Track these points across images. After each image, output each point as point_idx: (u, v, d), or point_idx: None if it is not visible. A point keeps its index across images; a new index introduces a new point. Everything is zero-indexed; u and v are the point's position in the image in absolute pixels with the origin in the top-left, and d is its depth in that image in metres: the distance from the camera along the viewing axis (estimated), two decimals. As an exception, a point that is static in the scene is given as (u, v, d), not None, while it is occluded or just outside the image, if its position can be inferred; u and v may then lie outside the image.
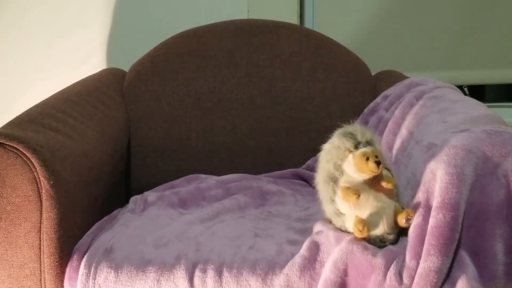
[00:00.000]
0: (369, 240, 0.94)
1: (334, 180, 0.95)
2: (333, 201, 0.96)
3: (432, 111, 1.17)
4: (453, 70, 1.95)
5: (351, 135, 0.94)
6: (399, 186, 0.98)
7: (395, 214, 0.94)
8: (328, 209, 0.98)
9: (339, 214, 0.96)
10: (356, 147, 0.93)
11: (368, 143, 0.93)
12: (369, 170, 0.90)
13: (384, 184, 0.92)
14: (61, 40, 1.86)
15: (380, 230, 0.93)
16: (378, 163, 0.90)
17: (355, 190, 0.91)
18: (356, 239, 0.94)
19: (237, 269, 0.96)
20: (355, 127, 0.96)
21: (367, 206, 0.93)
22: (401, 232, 0.97)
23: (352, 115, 1.48)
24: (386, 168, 0.96)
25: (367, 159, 0.90)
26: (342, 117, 1.49)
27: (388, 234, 0.94)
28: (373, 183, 0.93)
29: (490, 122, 1.00)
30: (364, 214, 0.93)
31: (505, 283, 0.88)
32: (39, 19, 1.85)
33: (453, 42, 1.93)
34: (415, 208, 0.94)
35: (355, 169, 0.92)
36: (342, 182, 0.94)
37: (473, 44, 1.93)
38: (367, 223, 0.93)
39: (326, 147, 0.98)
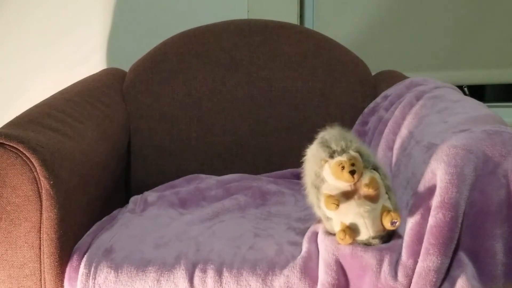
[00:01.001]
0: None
1: (317, 187, 0.96)
2: (319, 207, 0.96)
3: (432, 111, 1.17)
4: (453, 70, 1.95)
5: (326, 144, 0.94)
6: (391, 186, 0.97)
7: (382, 217, 0.93)
8: (317, 213, 0.99)
9: (327, 219, 0.96)
10: (332, 156, 0.93)
11: (343, 150, 0.93)
12: (345, 179, 0.91)
13: (365, 189, 0.91)
14: (61, 40, 1.86)
15: (364, 235, 0.93)
16: (353, 172, 0.90)
17: (335, 199, 0.91)
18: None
19: (237, 269, 0.96)
20: (331, 134, 0.96)
21: (349, 212, 0.92)
22: (393, 233, 0.96)
23: (352, 115, 1.48)
24: (375, 168, 0.95)
25: (343, 168, 0.90)
26: (342, 117, 1.49)
27: (373, 238, 0.93)
28: (356, 188, 0.93)
29: (490, 122, 1.00)
30: (348, 220, 0.93)
31: (504, 283, 0.88)
32: (39, 19, 1.85)
33: (453, 42, 1.93)
34: (415, 207, 0.94)
35: (333, 177, 0.92)
36: (324, 189, 0.94)
37: (473, 44, 1.93)
38: (351, 230, 0.92)
39: (308, 153, 0.99)
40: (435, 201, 0.89)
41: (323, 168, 0.94)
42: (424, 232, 0.89)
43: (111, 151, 1.30)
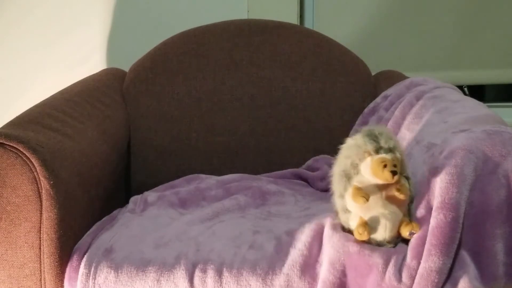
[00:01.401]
0: (368, 243, 0.94)
1: (348, 177, 0.95)
2: (342, 196, 0.96)
3: (432, 111, 1.17)
4: (453, 70, 1.95)
5: (375, 138, 0.94)
6: (414, 199, 0.97)
7: (400, 225, 0.93)
8: (337, 203, 0.98)
9: (346, 211, 0.96)
10: (377, 151, 0.92)
11: (390, 150, 0.92)
12: (384, 177, 0.90)
13: (396, 193, 0.91)
14: (61, 40, 1.86)
15: (380, 236, 0.93)
16: (394, 172, 0.89)
17: (365, 194, 0.91)
18: (354, 240, 0.94)
19: (237, 269, 0.96)
20: (382, 130, 0.95)
21: (373, 210, 0.92)
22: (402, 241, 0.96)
23: (352, 115, 1.48)
24: (406, 177, 0.95)
25: (385, 166, 0.90)
26: (342, 117, 1.49)
27: (388, 242, 0.94)
28: (386, 189, 0.93)
29: (490, 122, 1.00)
30: (369, 217, 0.93)
31: (506, 283, 0.88)
32: (39, 19, 1.85)
33: (453, 42, 1.93)
34: (416, 208, 0.94)
35: (370, 172, 0.92)
36: (355, 181, 0.94)
37: (473, 44, 1.93)
38: (369, 227, 0.92)
39: (349, 142, 0.97)
40: (436, 201, 0.89)
41: (363, 160, 0.93)
42: (426, 233, 0.89)
43: (111, 151, 1.30)
